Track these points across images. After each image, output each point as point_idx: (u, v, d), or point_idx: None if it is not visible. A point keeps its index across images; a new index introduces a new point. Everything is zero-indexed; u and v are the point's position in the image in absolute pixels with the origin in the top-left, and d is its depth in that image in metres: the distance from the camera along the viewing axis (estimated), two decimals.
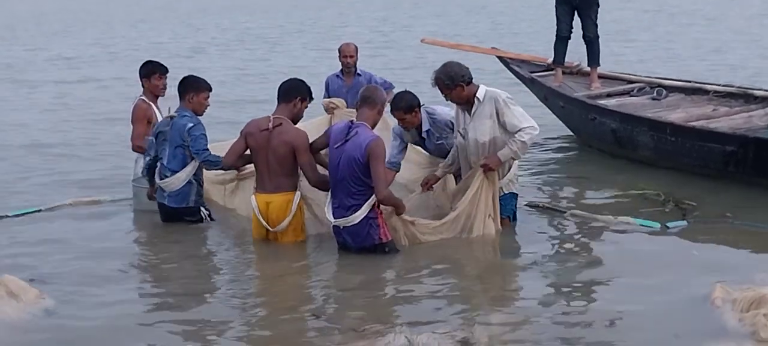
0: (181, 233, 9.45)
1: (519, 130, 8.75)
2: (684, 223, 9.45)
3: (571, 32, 14.00)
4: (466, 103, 8.92)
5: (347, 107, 11.15)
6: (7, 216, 10.09)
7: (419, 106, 9.32)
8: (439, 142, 9.50)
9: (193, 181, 9.45)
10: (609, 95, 13.52)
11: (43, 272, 8.38)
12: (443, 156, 9.45)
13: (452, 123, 9.32)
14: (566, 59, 14.27)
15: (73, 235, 9.59)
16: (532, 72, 14.50)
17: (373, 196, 8.45)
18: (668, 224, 9.36)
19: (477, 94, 8.87)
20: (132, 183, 10.26)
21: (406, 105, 9.24)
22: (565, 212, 9.93)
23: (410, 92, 9.40)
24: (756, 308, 7.00)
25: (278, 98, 9.05)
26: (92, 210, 10.49)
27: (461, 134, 9.02)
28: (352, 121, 8.66)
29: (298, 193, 8.92)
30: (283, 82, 9.14)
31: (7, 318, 7.24)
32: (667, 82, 13.81)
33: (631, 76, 14.46)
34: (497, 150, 8.84)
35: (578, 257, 8.73)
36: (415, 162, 9.83)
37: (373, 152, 8.34)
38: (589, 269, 8.42)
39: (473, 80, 8.94)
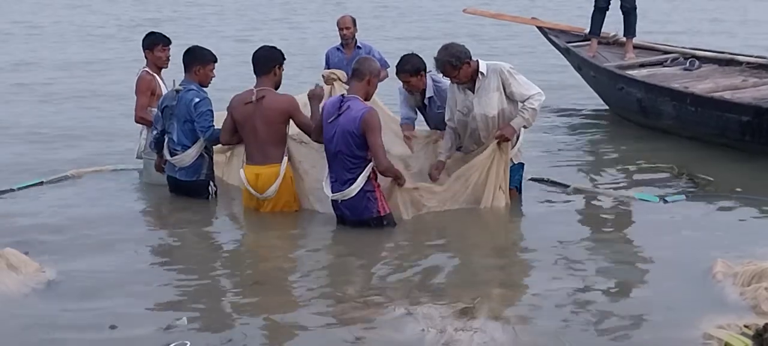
0: (184, 205, 9.07)
1: (528, 99, 8.38)
2: (682, 197, 9.05)
3: (609, 3, 13.53)
4: (469, 80, 8.49)
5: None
6: (11, 190, 9.67)
7: (425, 70, 8.88)
8: (439, 110, 9.05)
9: (205, 154, 9.03)
10: (642, 65, 13.09)
11: (43, 244, 8.01)
12: (441, 125, 9.00)
13: None
14: (604, 30, 13.78)
15: (75, 207, 9.17)
16: (568, 42, 14.04)
17: (368, 168, 8.07)
18: (667, 199, 8.98)
19: (481, 69, 8.46)
20: (143, 156, 9.81)
21: (411, 68, 8.78)
22: (568, 186, 9.51)
23: (416, 55, 8.95)
24: (757, 281, 6.69)
25: (256, 70, 8.58)
26: (94, 181, 10.04)
27: (462, 112, 8.60)
28: (343, 95, 8.25)
29: (285, 159, 8.54)
30: (257, 54, 8.65)
31: (7, 291, 6.93)
32: (700, 53, 13.34)
33: (666, 47, 13.99)
34: (507, 121, 8.45)
35: (579, 232, 8.34)
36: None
37: (368, 124, 7.93)
38: (589, 243, 8.04)
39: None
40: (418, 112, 9.37)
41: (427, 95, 9.01)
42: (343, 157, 8.01)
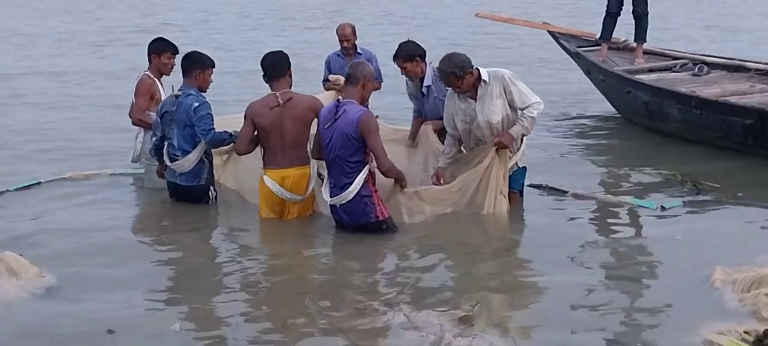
0: (184, 210, 8.93)
1: (527, 107, 8.28)
2: (680, 203, 8.92)
3: (621, 8, 13.39)
4: (471, 88, 8.39)
5: None
6: (8, 190, 9.57)
7: (421, 56, 8.90)
8: (436, 100, 9.01)
9: (205, 159, 8.92)
10: (650, 70, 12.98)
11: (43, 248, 7.90)
12: (438, 116, 8.95)
13: None
14: (615, 35, 13.67)
15: (74, 210, 9.05)
16: (578, 46, 13.91)
17: (365, 171, 7.96)
18: (664, 205, 8.85)
19: (482, 77, 8.36)
20: (144, 162, 9.63)
21: (405, 54, 8.84)
22: (567, 192, 9.38)
23: (413, 42, 9.00)
24: (757, 288, 6.60)
25: (270, 76, 8.46)
26: (92, 185, 9.90)
27: (465, 122, 8.47)
28: (338, 100, 8.16)
29: (313, 162, 8.44)
30: (267, 59, 8.53)
31: (6, 296, 6.84)
32: (710, 59, 13.20)
33: (675, 53, 13.84)
34: (508, 128, 8.34)
35: (578, 239, 8.14)
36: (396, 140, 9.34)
37: (365, 126, 7.85)
38: (588, 251, 7.89)
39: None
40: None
41: (426, 83, 8.95)
42: (340, 161, 7.91)
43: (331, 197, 8.04)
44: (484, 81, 8.29)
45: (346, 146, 7.84)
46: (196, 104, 8.61)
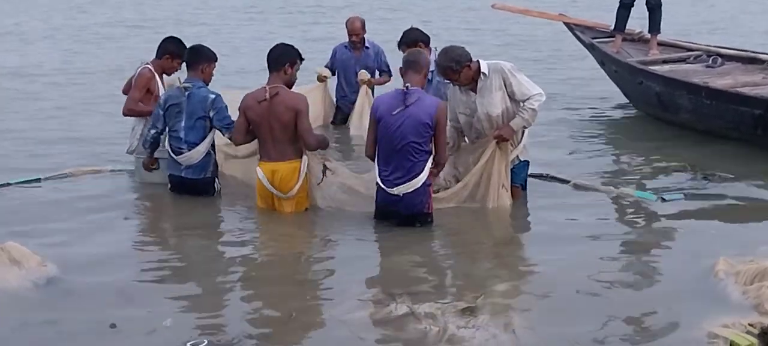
0: (187, 202, 8.83)
1: (528, 99, 8.14)
2: (681, 196, 8.77)
3: (635, 0, 13.24)
4: (471, 81, 8.27)
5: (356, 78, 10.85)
6: (9, 184, 9.45)
7: (424, 43, 9.05)
8: (438, 85, 9.01)
9: (211, 151, 8.84)
10: (664, 62, 12.80)
11: (45, 239, 7.79)
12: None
13: None
14: (630, 26, 13.51)
15: (76, 203, 8.93)
16: (593, 38, 13.76)
17: (430, 160, 7.87)
18: (665, 197, 8.71)
19: (482, 70, 8.23)
20: (135, 156, 9.47)
21: (408, 40, 9.09)
22: (569, 182, 9.27)
23: (417, 29, 9.22)
24: (760, 280, 6.49)
25: (269, 68, 8.40)
26: (93, 180, 9.69)
27: (466, 114, 8.38)
28: (407, 86, 7.90)
29: (305, 158, 8.32)
30: (271, 51, 8.46)
31: (8, 286, 6.78)
32: (724, 51, 13.02)
33: (689, 44, 13.68)
34: (509, 120, 8.22)
35: (581, 231, 8.01)
36: None
37: (442, 116, 7.82)
38: (591, 243, 7.75)
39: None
40: None
41: (430, 68, 8.86)
42: (410, 148, 7.75)
43: (388, 186, 7.87)
44: (484, 73, 8.16)
45: (420, 133, 7.73)
46: (213, 96, 8.58)
